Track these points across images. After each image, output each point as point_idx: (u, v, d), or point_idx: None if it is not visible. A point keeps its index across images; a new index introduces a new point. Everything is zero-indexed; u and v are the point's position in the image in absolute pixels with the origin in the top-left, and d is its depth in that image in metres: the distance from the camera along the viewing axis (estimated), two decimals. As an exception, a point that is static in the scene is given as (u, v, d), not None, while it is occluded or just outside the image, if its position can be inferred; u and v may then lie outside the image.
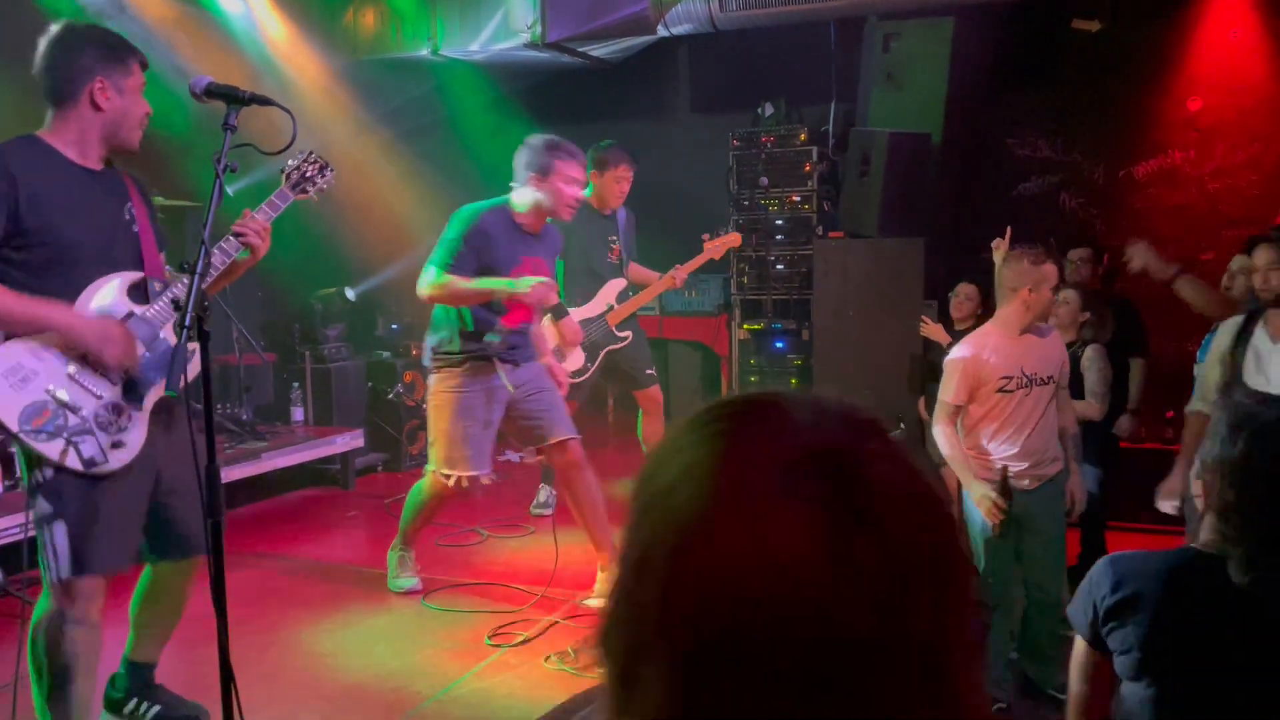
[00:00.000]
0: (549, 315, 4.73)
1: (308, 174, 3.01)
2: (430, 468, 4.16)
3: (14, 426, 2.60)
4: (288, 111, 2.64)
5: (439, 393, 4.10)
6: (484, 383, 4.06)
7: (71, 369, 2.69)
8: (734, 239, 5.93)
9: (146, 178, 3.08)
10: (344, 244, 6.82)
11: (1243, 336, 3.32)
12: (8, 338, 2.69)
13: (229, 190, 3.12)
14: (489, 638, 3.80)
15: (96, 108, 2.74)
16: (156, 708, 3.15)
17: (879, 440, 0.70)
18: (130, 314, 2.78)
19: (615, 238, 5.34)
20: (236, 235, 2.83)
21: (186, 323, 2.26)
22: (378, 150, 7.02)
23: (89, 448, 2.67)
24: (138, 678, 3.18)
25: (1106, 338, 4.35)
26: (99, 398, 2.71)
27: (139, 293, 2.83)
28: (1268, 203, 6.41)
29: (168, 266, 2.96)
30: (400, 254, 7.12)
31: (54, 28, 2.78)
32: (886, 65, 6.40)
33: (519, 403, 4.14)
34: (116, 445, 2.72)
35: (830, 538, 0.63)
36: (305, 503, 6.00)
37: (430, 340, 4.17)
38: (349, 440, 6.16)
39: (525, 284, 3.88)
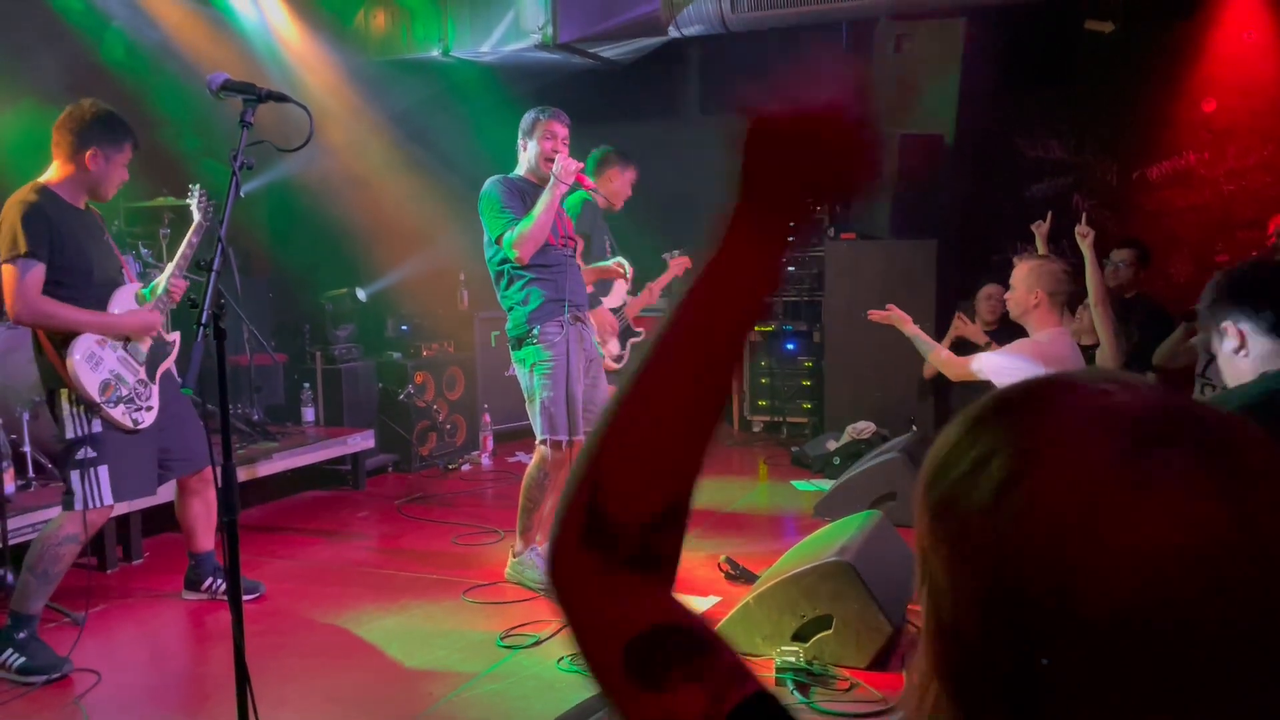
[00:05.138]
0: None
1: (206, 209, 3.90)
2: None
3: (95, 398, 3.52)
4: (304, 108, 2.63)
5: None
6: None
7: (119, 354, 3.66)
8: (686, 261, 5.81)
9: (161, 178, 3.96)
10: (354, 245, 6.81)
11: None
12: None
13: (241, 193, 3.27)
14: (501, 639, 3.79)
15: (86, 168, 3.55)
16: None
17: (1189, 398, 0.64)
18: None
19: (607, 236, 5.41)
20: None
21: (204, 320, 2.26)
22: (388, 151, 7.01)
23: (134, 412, 3.68)
24: (204, 563, 4.20)
25: (1126, 348, 4.31)
26: (135, 376, 3.71)
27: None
28: (1282, 204, 6.38)
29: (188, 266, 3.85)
30: (410, 255, 7.12)
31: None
32: (898, 66, 6.38)
33: None
34: (147, 410, 3.76)
35: (1221, 493, 0.58)
36: (316, 503, 5.99)
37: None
38: (360, 441, 6.15)
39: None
